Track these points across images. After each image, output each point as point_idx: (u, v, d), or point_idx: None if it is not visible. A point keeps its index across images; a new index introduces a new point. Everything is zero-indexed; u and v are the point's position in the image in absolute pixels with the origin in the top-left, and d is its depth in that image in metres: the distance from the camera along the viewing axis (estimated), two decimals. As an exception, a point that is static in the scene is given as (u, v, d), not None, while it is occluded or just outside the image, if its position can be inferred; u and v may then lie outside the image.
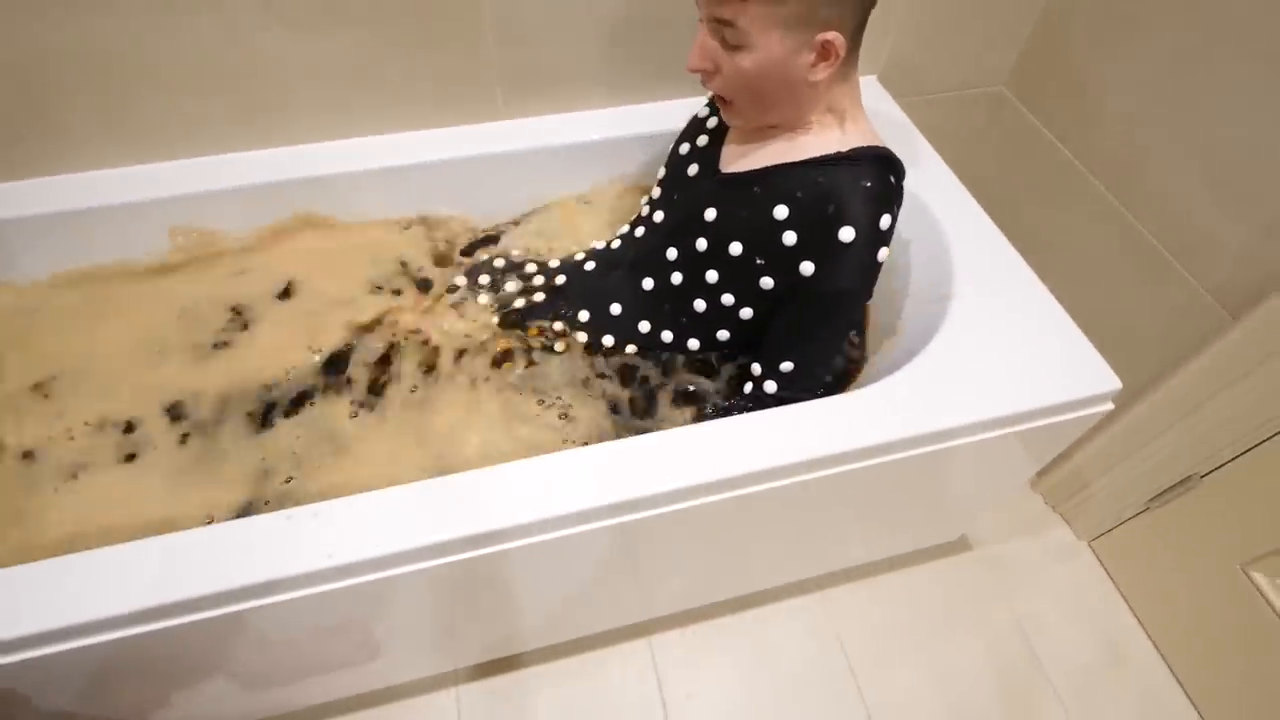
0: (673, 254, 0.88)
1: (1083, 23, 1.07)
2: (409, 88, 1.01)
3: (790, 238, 0.77)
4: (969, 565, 1.21)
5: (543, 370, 0.94)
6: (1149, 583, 1.15)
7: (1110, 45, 1.03)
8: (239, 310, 1.00)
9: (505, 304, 1.00)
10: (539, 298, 0.99)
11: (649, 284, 0.91)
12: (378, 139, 1.05)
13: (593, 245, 1.04)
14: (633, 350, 0.93)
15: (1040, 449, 0.90)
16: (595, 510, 0.71)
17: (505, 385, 0.93)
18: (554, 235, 1.11)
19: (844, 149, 0.77)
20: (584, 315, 0.96)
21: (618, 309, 0.94)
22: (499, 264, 1.05)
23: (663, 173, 0.95)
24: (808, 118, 0.78)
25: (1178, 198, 0.97)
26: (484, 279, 1.03)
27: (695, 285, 0.86)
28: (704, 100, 0.96)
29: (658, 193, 0.95)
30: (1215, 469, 0.99)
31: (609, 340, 0.94)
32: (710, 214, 0.83)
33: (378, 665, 0.94)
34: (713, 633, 1.12)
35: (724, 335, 0.88)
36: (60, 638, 0.63)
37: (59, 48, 0.86)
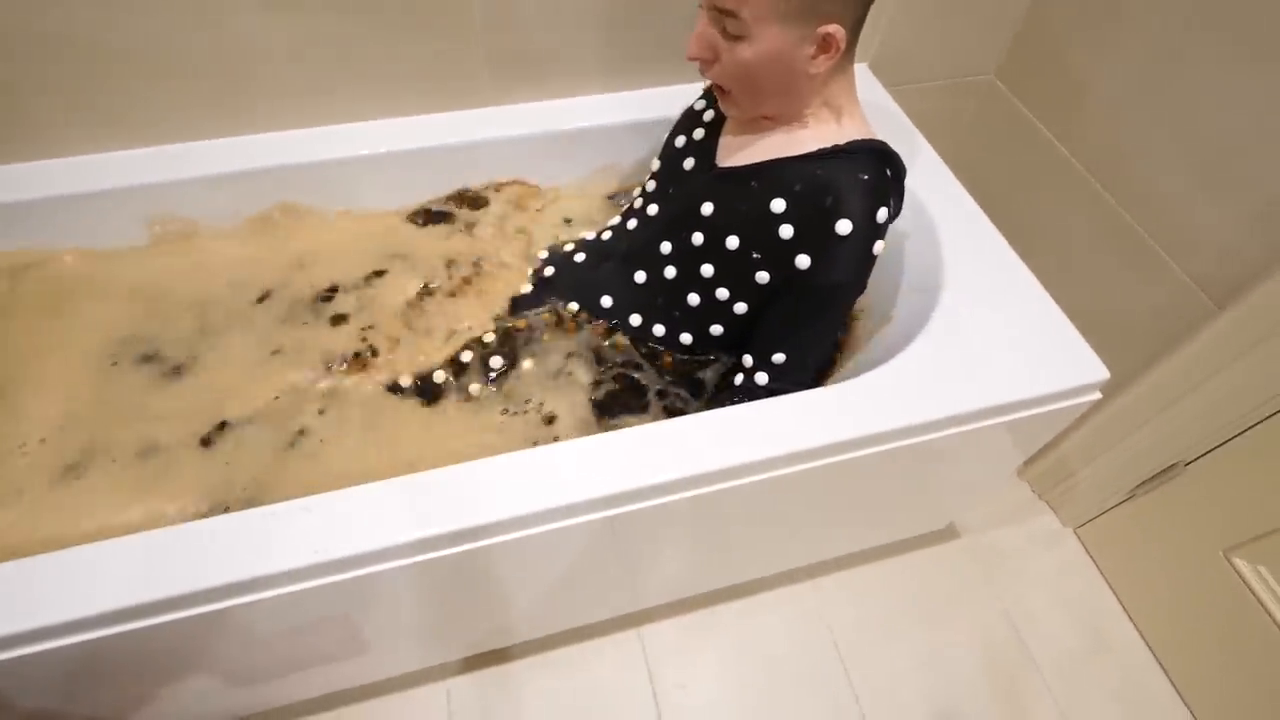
0: (667, 248, 0.87)
1: (1072, 13, 1.07)
2: (393, 71, 0.99)
3: (787, 231, 0.76)
4: (956, 553, 1.22)
5: (517, 374, 0.91)
6: (1133, 569, 1.17)
7: (1099, 35, 1.03)
8: (205, 313, 0.96)
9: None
10: (526, 289, 0.98)
11: (641, 277, 0.90)
12: (359, 125, 1.03)
13: (582, 236, 1.03)
14: (625, 341, 0.92)
15: (1029, 438, 0.91)
16: (584, 503, 0.70)
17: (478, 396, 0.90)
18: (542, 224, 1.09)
19: (841, 142, 0.76)
20: (573, 307, 0.95)
21: (609, 301, 0.93)
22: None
23: (657, 165, 0.94)
24: (805, 110, 0.77)
25: (1165, 188, 0.98)
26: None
27: (690, 279, 0.85)
28: (698, 89, 0.94)
29: (652, 186, 0.94)
30: (1199, 457, 1.01)
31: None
32: (707, 208, 0.82)
33: (367, 660, 0.93)
34: (703, 622, 1.12)
35: (717, 330, 0.88)
36: (40, 637, 0.61)
37: (27, 29, 0.83)
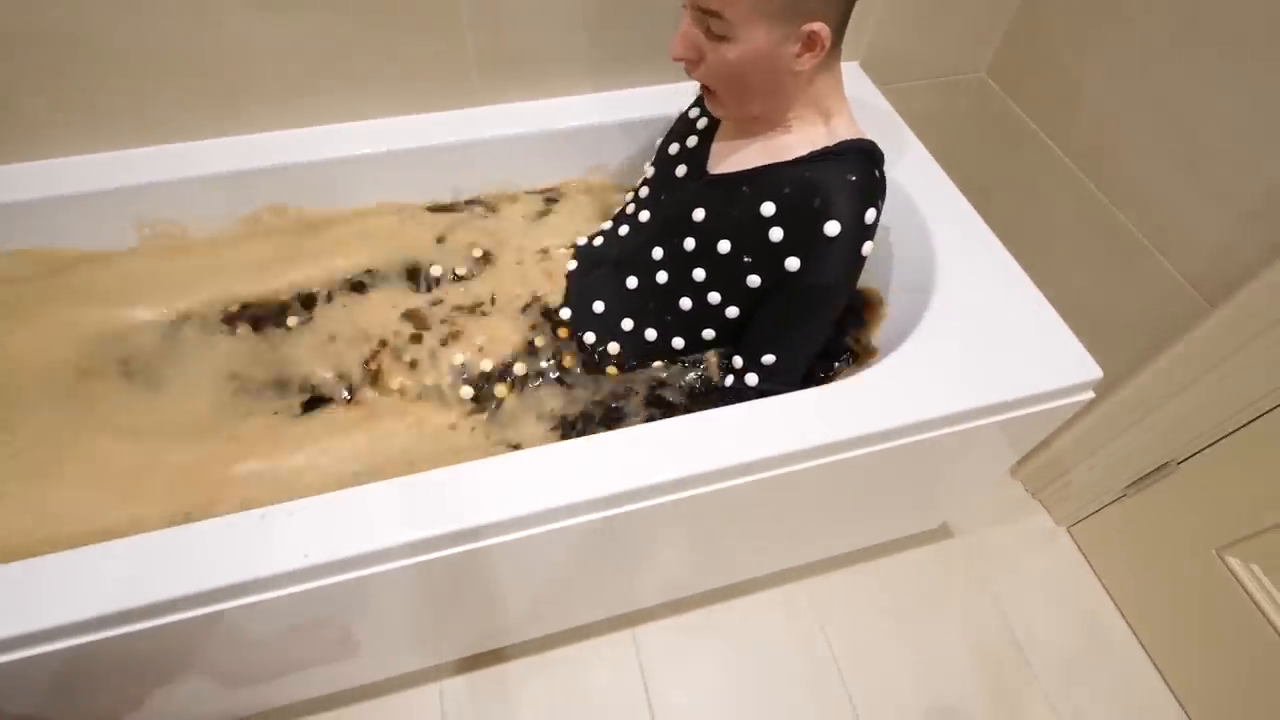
0: (659, 253, 0.87)
1: (1063, 10, 1.07)
2: (381, 72, 0.98)
3: (777, 234, 0.76)
4: (950, 552, 1.22)
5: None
6: (1126, 568, 1.17)
7: (1090, 33, 1.03)
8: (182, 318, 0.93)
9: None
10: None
11: (633, 282, 0.90)
12: (348, 126, 1.02)
13: (574, 241, 1.03)
14: (616, 349, 0.92)
15: (1021, 437, 0.91)
16: (577, 505, 0.70)
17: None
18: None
19: (830, 144, 0.77)
20: (565, 313, 0.94)
21: (600, 306, 0.93)
22: (476, 254, 1.02)
23: (650, 172, 0.94)
24: (792, 109, 0.77)
25: (1156, 186, 0.98)
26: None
27: (682, 284, 0.85)
28: (687, 88, 0.94)
29: (645, 192, 0.94)
30: (1192, 455, 1.01)
31: (590, 338, 0.92)
32: (699, 214, 0.82)
33: (360, 662, 0.93)
34: (696, 623, 1.12)
35: (709, 334, 0.88)
36: (30, 642, 0.61)
37: (15, 29, 0.82)
